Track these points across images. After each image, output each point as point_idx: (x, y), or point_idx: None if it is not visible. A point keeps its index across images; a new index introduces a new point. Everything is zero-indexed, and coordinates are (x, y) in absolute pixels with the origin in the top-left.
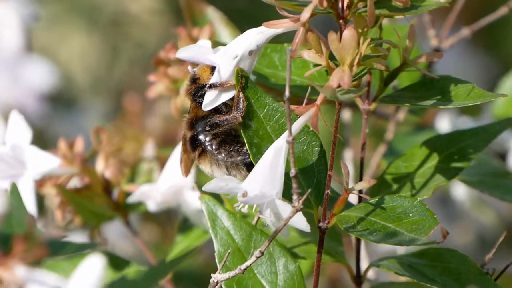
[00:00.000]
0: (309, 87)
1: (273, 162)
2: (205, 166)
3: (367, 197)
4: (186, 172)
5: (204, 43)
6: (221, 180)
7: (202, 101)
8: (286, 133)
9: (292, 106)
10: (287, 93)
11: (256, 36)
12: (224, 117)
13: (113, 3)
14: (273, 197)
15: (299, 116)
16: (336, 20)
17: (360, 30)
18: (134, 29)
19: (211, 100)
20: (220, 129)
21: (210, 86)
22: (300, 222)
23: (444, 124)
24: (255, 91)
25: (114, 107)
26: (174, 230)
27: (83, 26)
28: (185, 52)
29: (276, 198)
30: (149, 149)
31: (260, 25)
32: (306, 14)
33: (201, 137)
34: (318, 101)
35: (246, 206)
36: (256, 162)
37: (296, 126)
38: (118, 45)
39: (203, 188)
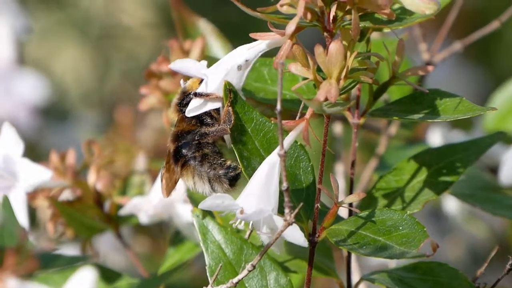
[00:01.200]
0: (301, 101)
1: (267, 178)
2: (187, 179)
3: (357, 211)
4: (167, 192)
5: (202, 62)
6: (217, 197)
7: (190, 120)
8: (278, 149)
9: (283, 121)
10: (278, 106)
11: (245, 51)
12: (213, 128)
13: (105, 16)
14: (269, 213)
15: (289, 131)
16: (322, 33)
17: (347, 43)
18: (125, 41)
19: (195, 107)
20: (209, 139)
21: (195, 94)
22: (298, 237)
23: (435, 138)
24: (243, 106)
25: (106, 119)
26: (166, 243)
27: (75, 39)
28: (179, 64)
29: (272, 214)
30: (141, 161)
31: (250, 38)
32: (291, 26)
33: (184, 149)
34: (308, 115)
35: (243, 222)
36: (247, 174)
37: (287, 141)
38: (110, 57)
39: (199, 206)
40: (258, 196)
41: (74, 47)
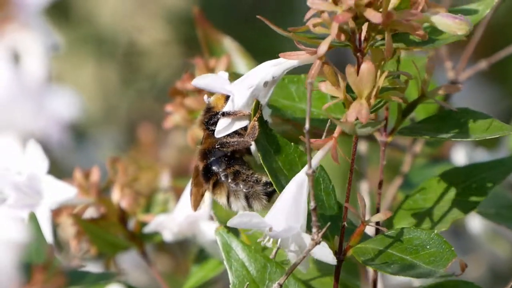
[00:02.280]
0: (328, 120)
1: (296, 195)
2: (221, 197)
3: (384, 229)
4: (195, 206)
5: (222, 74)
6: (245, 215)
7: (214, 129)
8: (306, 167)
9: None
10: (307, 126)
11: (272, 67)
12: (234, 139)
13: (123, 35)
14: (298, 230)
15: (316, 149)
16: (353, 53)
17: (377, 63)
18: (144, 60)
19: (223, 127)
20: (229, 149)
21: (223, 114)
22: (326, 254)
23: (460, 156)
24: (265, 126)
25: (126, 137)
26: (188, 261)
27: (94, 57)
28: (202, 80)
29: (301, 232)
30: (165, 179)
31: (276, 56)
32: (323, 47)
33: (215, 166)
34: (336, 134)
35: (271, 240)
36: (278, 190)
37: (315, 160)
38: (129, 75)
39: (228, 224)
40: (287, 213)
41: (92, 65)
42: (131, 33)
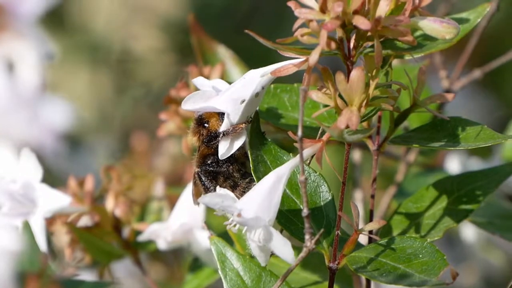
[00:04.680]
0: (320, 128)
1: (272, 188)
2: None
3: (377, 238)
4: (197, 197)
5: (200, 81)
6: (217, 195)
7: (217, 148)
8: (288, 163)
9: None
10: (299, 132)
11: (260, 78)
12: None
13: (117, 42)
14: (265, 224)
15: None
16: (343, 61)
17: (369, 70)
18: (138, 67)
19: (226, 149)
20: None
21: (223, 134)
22: (287, 253)
23: (453, 165)
24: (261, 138)
25: (120, 146)
26: (182, 270)
27: (88, 65)
28: (191, 103)
29: (268, 226)
30: (159, 187)
31: (268, 63)
32: (314, 56)
33: (210, 178)
34: (325, 137)
35: (237, 226)
36: None
37: (302, 157)
38: (123, 83)
39: (198, 200)
40: (259, 204)
41: (86, 73)
42: (126, 41)
